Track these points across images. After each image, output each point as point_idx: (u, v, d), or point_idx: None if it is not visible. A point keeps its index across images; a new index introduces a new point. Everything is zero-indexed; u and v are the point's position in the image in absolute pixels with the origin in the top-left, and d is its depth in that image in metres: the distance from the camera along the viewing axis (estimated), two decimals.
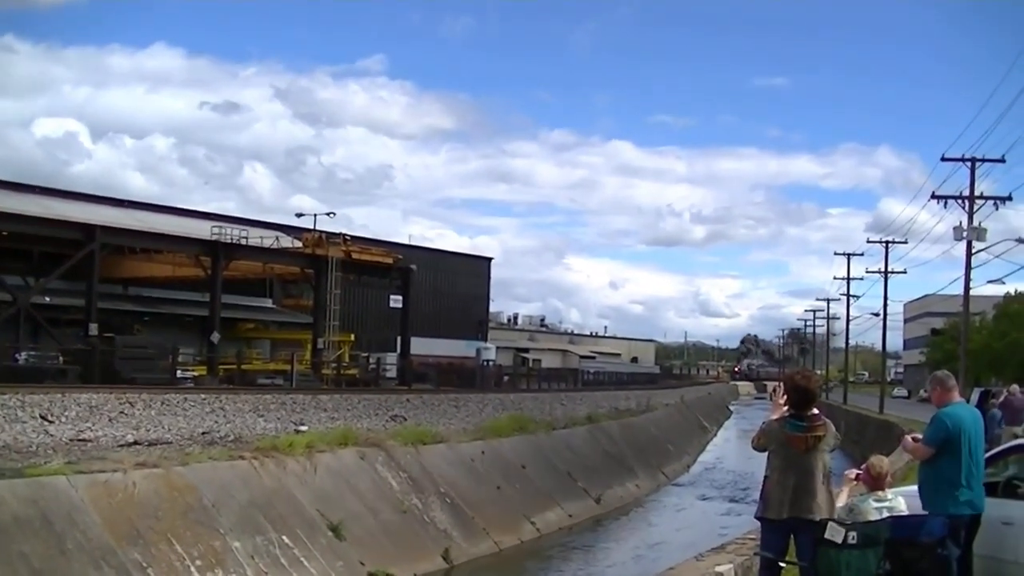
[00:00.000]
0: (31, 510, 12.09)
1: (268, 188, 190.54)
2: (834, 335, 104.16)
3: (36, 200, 46.37)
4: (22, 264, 46.72)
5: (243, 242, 50.89)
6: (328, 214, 60.31)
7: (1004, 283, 42.99)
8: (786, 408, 6.54)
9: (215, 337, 46.57)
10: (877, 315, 59.84)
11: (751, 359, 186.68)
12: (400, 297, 59.99)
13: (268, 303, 62.51)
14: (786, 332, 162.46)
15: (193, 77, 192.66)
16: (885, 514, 6.87)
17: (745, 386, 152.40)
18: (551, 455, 28.59)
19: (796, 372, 6.81)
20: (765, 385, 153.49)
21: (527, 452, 26.85)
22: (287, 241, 54.09)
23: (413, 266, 60.21)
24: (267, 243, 52.33)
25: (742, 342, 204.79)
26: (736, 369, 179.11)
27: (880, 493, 7.10)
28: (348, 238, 56.08)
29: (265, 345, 59.44)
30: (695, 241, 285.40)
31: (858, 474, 7.37)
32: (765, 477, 6.52)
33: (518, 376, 65.40)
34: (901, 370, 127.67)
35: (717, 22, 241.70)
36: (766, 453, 6.58)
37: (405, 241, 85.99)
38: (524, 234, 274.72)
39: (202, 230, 50.34)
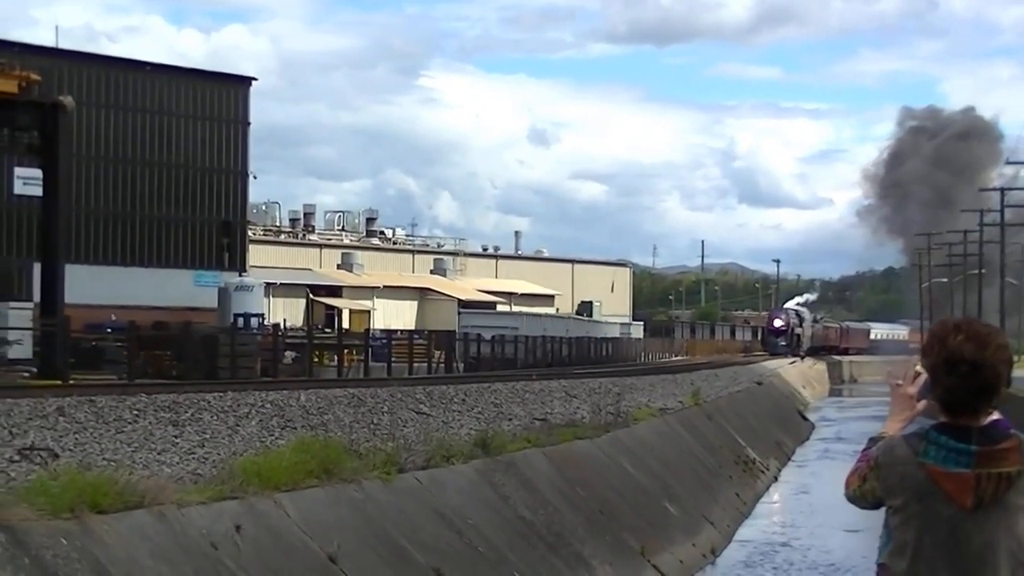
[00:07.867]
0: None
1: None
2: None
3: None
4: None
5: None
6: None
7: None
8: (922, 405, 5.52)
9: None
10: None
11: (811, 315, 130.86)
12: (38, 174, 50.78)
13: None
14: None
15: None
16: None
17: (799, 370, 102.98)
18: (396, 533, 23.11)
19: (951, 327, 5.42)
20: (847, 368, 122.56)
21: (342, 525, 21.80)
22: None
23: (68, 98, 51.85)
24: None
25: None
26: (774, 324, 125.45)
27: None
28: None
29: None
30: (726, 30, 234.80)
31: None
32: (881, 566, 5.54)
33: (317, 351, 58.49)
34: None
35: None
36: (881, 511, 5.50)
37: (49, 41, 73.85)
38: (325, 21, 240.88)
39: None
